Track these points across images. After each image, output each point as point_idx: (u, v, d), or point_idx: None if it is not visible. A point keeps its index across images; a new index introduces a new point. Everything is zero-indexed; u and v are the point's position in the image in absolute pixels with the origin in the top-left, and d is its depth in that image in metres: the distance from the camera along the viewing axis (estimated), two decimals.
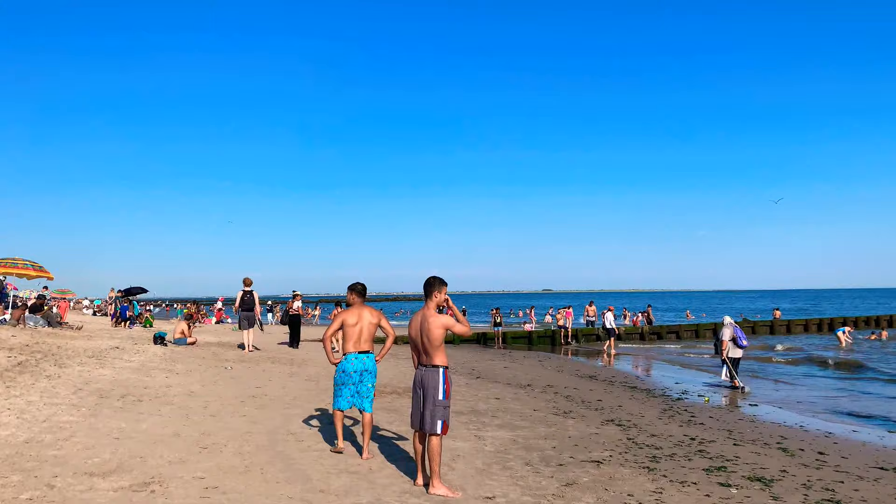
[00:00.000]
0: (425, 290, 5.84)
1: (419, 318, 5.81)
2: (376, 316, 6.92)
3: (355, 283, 7.07)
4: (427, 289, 5.82)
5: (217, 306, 43.81)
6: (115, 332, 21.02)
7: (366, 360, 6.88)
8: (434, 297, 5.81)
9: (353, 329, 6.80)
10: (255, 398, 9.91)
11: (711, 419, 10.79)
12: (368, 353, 6.92)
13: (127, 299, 26.53)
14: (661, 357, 23.44)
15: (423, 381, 5.74)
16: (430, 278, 5.87)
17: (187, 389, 10.14)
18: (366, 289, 7.14)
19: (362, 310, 6.92)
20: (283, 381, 12.10)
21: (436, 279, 5.86)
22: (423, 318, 5.76)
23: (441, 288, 5.84)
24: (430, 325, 5.67)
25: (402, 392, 11.75)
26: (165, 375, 11.38)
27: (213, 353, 15.57)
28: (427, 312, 5.77)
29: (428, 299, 5.83)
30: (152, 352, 14.70)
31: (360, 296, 7.03)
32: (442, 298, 5.87)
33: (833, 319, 37.12)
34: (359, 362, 6.85)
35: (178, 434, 7.13)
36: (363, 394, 6.87)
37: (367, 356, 6.90)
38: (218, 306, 43.61)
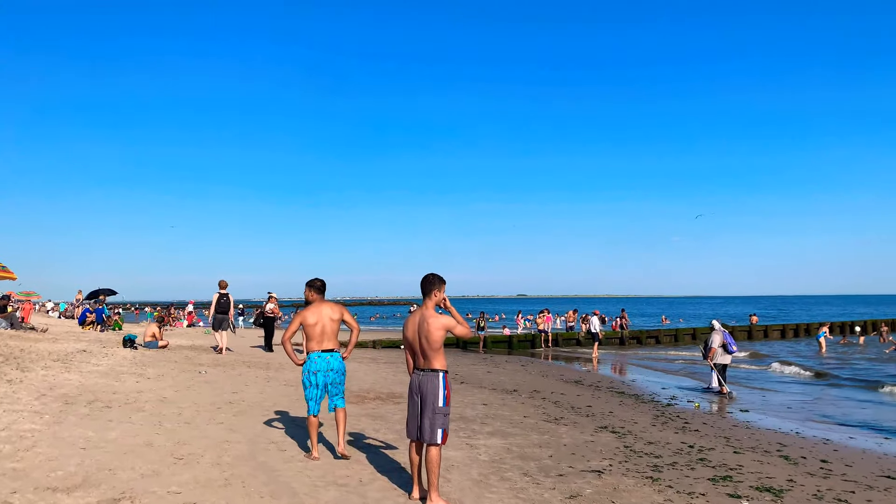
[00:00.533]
0: (423, 288, 5.42)
1: (417, 318, 5.39)
2: (338, 311, 6.59)
3: (313, 278, 6.74)
4: (426, 287, 5.40)
5: (188, 309, 42.86)
6: (82, 334, 20.20)
7: (330, 359, 6.54)
8: (433, 295, 5.38)
9: (313, 328, 6.47)
10: (231, 404, 9.38)
11: (706, 425, 10.51)
12: (333, 351, 6.57)
13: (101, 301, 25.67)
14: (643, 362, 23.26)
15: (421, 386, 5.31)
16: (428, 276, 5.45)
17: (159, 395, 9.57)
18: (325, 285, 6.80)
19: (322, 306, 6.58)
20: (261, 386, 11.55)
21: (435, 276, 5.44)
22: (422, 318, 5.33)
23: (441, 286, 5.43)
24: (430, 326, 5.25)
25: (385, 398, 11.29)
26: (136, 380, 10.77)
27: (185, 357, 14.94)
28: (426, 312, 5.35)
29: (426, 298, 5.41)
30: (122, 355, 14.03)
31: (319, 292, 6.70)
32: (441, 297, 5.46)
33: (809, 325, 37.44)
34: (322, 361, 6.51)
35: (151, 444, 6.60)
36: (332, 392, 6.56)
37: (332, 355, 6.56)
38: (189, 309, 42.66)
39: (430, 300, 5.39)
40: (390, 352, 24.12)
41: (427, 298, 5.40)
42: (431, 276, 5.45)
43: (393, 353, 23.02)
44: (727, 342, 13.73)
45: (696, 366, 21.91)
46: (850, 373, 19.71)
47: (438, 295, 5.42)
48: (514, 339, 29.39)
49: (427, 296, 5.39)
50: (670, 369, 21.08)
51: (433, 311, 5.37)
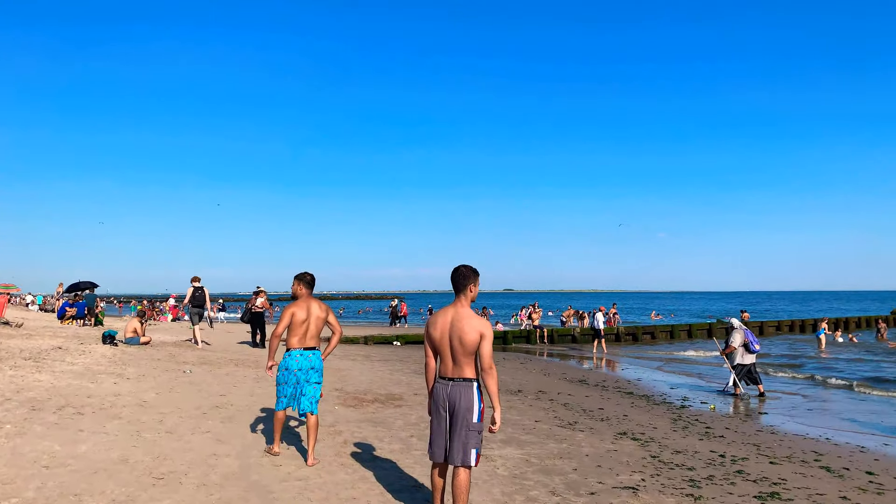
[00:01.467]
0: (455, 282, 4.63)
1: (448, 316, 4.58)
2: (325, 310, 6.27)
3: (303, 272, 6.35)
4: (459, 281, 4.61)
5: (170, 303, 41.74)
6: (60, 329, 19.20)
7: (311, 357, 6.18)
8: (469, 291, 4.60)
9: (301, 325, 6.21)
10: (219, 409, 8.54)
11: (729, 430, 9.82)
12: (314, 349, 6.24)
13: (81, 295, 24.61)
14: (643, 359, 22.62)
15: (451, 399, 4.51)
16: (460, 268, 4.65)
17: (139, 399, 8.71)
18: (314, 279, 6.41)
19: (311, 302, 6.28)
20: (250, 386, 10.71)
21: (468, 269, 4.65)
22: (456, 316, 4.53)
23: (475, 279, 4.64)
24: (465, 327, 4.45)
25: (384, 400, 10.49)
26: (114, 381, 9.89)
27: (169, 355, 14.04)
28: (461, 311, 4.55)
29: (460, 294, 4.61)
30: (100, 353, 13.11)
31: (309, 287, 6.34)
32: (476, 293, 4.67)
33: (805, 321, 37.04)
34: (304, 359, 6.16)
35: (126, 459, 5.77)
36: (307, 394, 6.09)
37: (314, 353, 6.21)
38: (171, 303, 41.53)
39: (465, 296, 4.60)
40: (382, 348, 23.29)
41: (461, 295, 4.61)
42: (464, 268, 4.66)
43: (385, 350, 22.20)
44: (749, 340, 13.01)
45: (698, 365, 21.35)
46: (858, 372, 19.15)
47: (474, 290, 4.64)
48: (508, 335, 28.68)
49: (461, 291, 4.61)
50: (674, 368, 20.43)
51: (469, 309, 4.59)
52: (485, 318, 25.53)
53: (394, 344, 25.15)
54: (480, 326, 4.47)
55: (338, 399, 10.21)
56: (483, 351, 4.44)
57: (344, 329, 6.56)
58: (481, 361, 4.46)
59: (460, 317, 4.51)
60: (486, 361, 4.42)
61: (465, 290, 4.59)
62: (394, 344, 25.15)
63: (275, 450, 6.36)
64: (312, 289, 6.38)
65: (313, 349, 6.21)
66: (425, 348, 4.77)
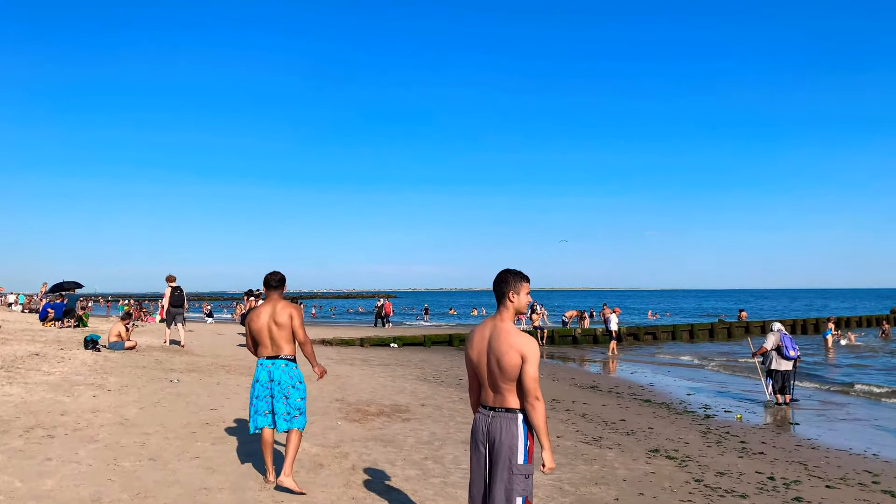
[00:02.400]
0: (494, 290, 3.78)
1: (485, 332, 3.73)
2: (285, 314, 5.39)
3: (269, 273, 5.60)
4: (499, 287, 3.74)
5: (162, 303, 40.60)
6: (41, 332, 18.21)
7: (272, 367, 5.42)
8: (509, 300, 3.72)
9: (259, 333, 5.50)
10: (209, 426, 7.65)
11: (766, 445, 9.04)
12: (277, 358, 5.45)
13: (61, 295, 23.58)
14: (651, 362, 21.87)
15: (492, 432, 3.66)
16: (502, 274, 3.78)
17: (120, 415, 7.80)
18: (282, 280, 5.62)
19: (268, 307, 5.53)
20: (243, 398, 9.79)
21: (511, 273, 3.78)
22: (494, 333, 3.68)
23: (520, 286, 3.75)
24: (504, 346, 3.60)
25: (389, 412, 9.63)
26: (93, 394, 8.98)
27: (156, 361, 13.11)
28: (500, 326, 3.69)
29: (500, 305, 3.75)
30: (80, 360, 12.17)
31: (272, 289, 5.55)
32: (525, 303, 3.81)
33: (806, 320, 36.45)
34: (262, 371, 5.45)
35: (100, 498, 4.87)
36: (279, 411, 5.32)
37: (275, 363, 5.43)
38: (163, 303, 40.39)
39: (506, 308, 3.72)
40: (380, 350, 22.40)
41: (501, 305, 3.74)
42: (506, 273, 3.78)
43: (384, 353, 21.32)
44: (784, 345, 12.18)
45: (704, 370, 20.65)
46: (875, 376, 18.46)
47: (518, 299, 3.73)
48: None
49: (501, 301, 3.73)
50: (683, 371, 19.68)
51: (510, 323, 3.73)
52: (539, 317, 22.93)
53: (391, 346, 24.28)
54: (521, 345, 3.57)
55: (340, 412, 9.34)
56: (526, 376, 3.54)
57: (326, 332, 5.67)
58: (524, 388, 3.57)
59: (499, 333, 3.65)
60: (530, 389, 3.54)
61: (504, 300, 3.72)
62: (391, 346, 24.28)
63: (269, 479, 5.55)
64: (278, 290, 5.63)
65: (275, 357, 5.44)
66: (467, 370, 3.93)
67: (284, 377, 5.36)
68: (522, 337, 3.63)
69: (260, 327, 5.47)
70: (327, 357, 17.31)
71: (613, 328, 23.34)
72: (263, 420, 5.42)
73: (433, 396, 11.61)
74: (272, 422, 5.39)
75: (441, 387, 13.13)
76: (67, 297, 22.99)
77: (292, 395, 5.36)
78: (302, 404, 5.43)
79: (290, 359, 5.46)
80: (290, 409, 5.34)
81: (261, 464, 6.08)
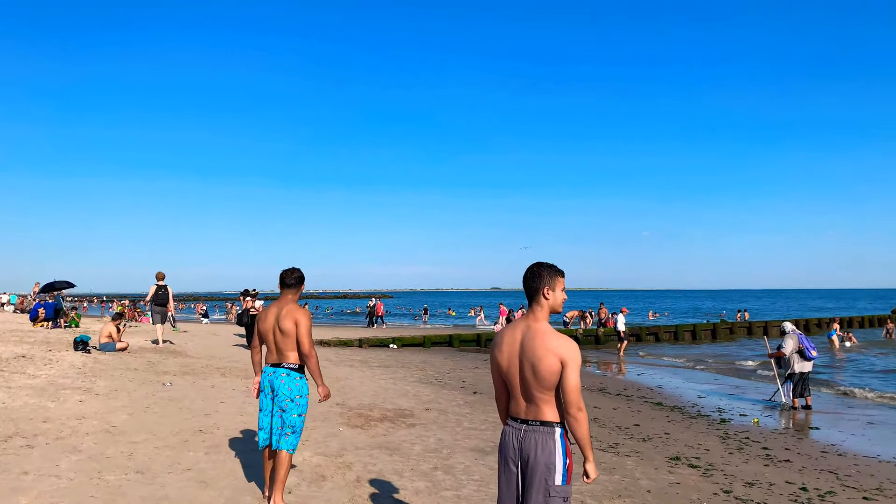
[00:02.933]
0: (525, 286, 3.30)
1: (516, 333, 3.26)
2: (290, 319, 4.84)
3: (287, 269, 4.99)
4: (532, 283, 3.27)
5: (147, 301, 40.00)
6: (30, 333, 17.67)
7: (273, 376, 4.86)
8: (543, 297, 3.25)
9: (265, 335, 4.98)
10: (202, 434, 7.16)
11: (790, 452, 8.59)
12: (279, 366, 4.88)
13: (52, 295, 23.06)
14: (656, 363, 21.42)
15: (526, 448, 3.19)
16: (533, 267, 3.31)
17: (107, 422, 7.31)
18: (301, 279, 5.02)
19: (276, 308, 4.96)
20: (239, 402, 9.33)
21: (545, 267, 3.30)
22: (528, 334, 3.21)
23: (555, 281, 3.28)
24: (539, 349, 3.12)
25: (393, 417, 9.16)
26: (80, 398, 8.48)
27: (147, 363, 12.61)
28: (535, 326, 3.21)
29: (533, 303, 3.28)
30: (69, 362, 11.66)
31: (287, 287, 5.02)
32: (561, 300, 3.33)
33: (809, 320, 36.06)
34: (265, 378, 4.93)
35: None
36: (274, 426, 4.80)
37: (276, 371, 4.86)
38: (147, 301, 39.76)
39: (539, 306, 3.25)
40: (380, 351, 21.90)
41: (534, 303, 3.27)
42: (539, 267, 3.30)
43: (383, 354, 20.82)
44: (805, 346, 11.73)
45: (711, 372, 20.26)
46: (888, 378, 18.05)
47: (553, 296, 3.25)
48: None
49: (534, 298, 3.26)
50: (690, 373, 19.25)
51: (545, 324, 3.25)
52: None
53: (390, 347, 23.79)
54: (560, 348, 3.10)
55: (341, 417, 8.86)
56: (567, 384, 3.09)
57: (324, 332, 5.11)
58: (565, 398, 3.11)
59: (533, 335, 3.17)
60: (571, 399, 3.08)
61: (537, 297, 3.24)
62: (390, 347, 23.79)
63: (267, 495, 5.01)
64: (294, 288, 5.02)
65: (278, 365, 4.87)
66: (493, 377, 3.45)
67: (283, 388, 4.80)
68: (562, 339, 3.16)
69: (265, 330, 4.96)
70: (326, 358, 16.82)
71: (621, 328, 22.89)
72: (264, 436, 4.90)
73: (437, 400, 11.14)
74: (270, 436, 4.88)
75: (444, 389, 12.66)
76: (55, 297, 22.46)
77: (290, 410, 4.79)
78: (298, 422, 4.81)
79: (293, 368, 4.87)
80: (283, 424, 4.77)
81: (259, 475, 5.60)
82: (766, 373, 17.29)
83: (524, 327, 3.25)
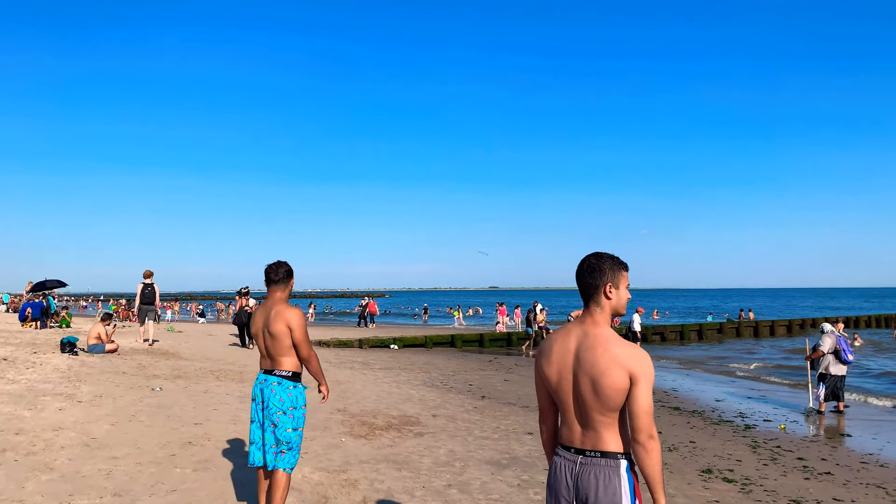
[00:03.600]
0: (586, 282, 2.65)
1: (570, 340, 2.61)
2: (281, 321, 4.18)
3: (271, 264, 4.39)
4: (591, 279, 2.63)
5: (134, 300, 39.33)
6: (18, 334, 16.99)
7: (263, 384, 4.21)
8: (605, 296, 2.61)
9: (256, 338, 4.38)
10: (191, 446, 6.52)
11: (827, 462, 7.96)
12: (270, 373, 4.23)
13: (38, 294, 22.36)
14: (666, 365, 20.79)
15: (583, 486, 2.53)
16: (593, 260, 2.67)
17: (86, 434, 6.66)
18: (288, 273, 4.32)
19: (264, 308, 4.34)
20: (234, 409, 8.69)
21: (606, 260, 2.66)
22: (586, 341, 2.56)
23: (619, 276, 2.64)
24: (603, 361, 2.48)
25: (398, 425, 8.53)
26: (60, 406, 7.82)
27: (138, 366, 11.95)
28: (594, 332, 2.57)
29: (591, 304, 2.63)
30: (53, 365, 11.00)
31: (272, 283, 4.32)
32: (625, 300, 2.69)
33: (815, 319, 35.45)
34: (256, 386, 4.28)
35: None
36: (267, 441, 4.20)
37: (267, 379, 4.22)
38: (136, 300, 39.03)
39: (598, 307, 2.62)
40: (380, 353, 21.23)
41: (591, 303, 2.63)
42: (599, 260, 2.66)
43: (384, 355, 20.16)
44: (842, 348, 11.10)
45: (725, 373, 19.65)
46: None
47: (615, 296, 2.62)
48: (513, 337, 26.77)
49: (592, 297, 2.62)
50: (703, 375, 18.62)
51: (607, 329, 2.61)
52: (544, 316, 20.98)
53: (391, 347, 23.14)
54: (629, 359, 2.46)
55: (343, 425, 8.22)
56: (637, 405, 2.44)
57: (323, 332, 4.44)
58: (633, 423, 2.46)
59: (593, 342, 2.52)
60: (642, 425, 2.43)
61: (597, 296, 2.61)
62: (391, 347, 23.14)
63: None
64: (280, 285, 4.32)
65: (271, 373, 4.23)
66: (537, 393, 2.80)
67: (274, 399, 4.15)
68: (631, 348, 2.52)
69: (255, 334, 4.36)
70: (325, 360, 16.17)
71: (637, 329, 22.29)
72: (256, 452, 4.27)
73: (444, 405, 10.51)
74: (266, 459, 4.24)
75: (451, 394, 12.01)
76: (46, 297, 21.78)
77: (282, 424, 4.14)
78: (293, 437, 4.17)
79: (285, 375, 4.22)
80: (276, 441, 4.14)
81: (253, 495, 4.96)
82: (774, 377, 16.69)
83: (580, 333, 2.60)
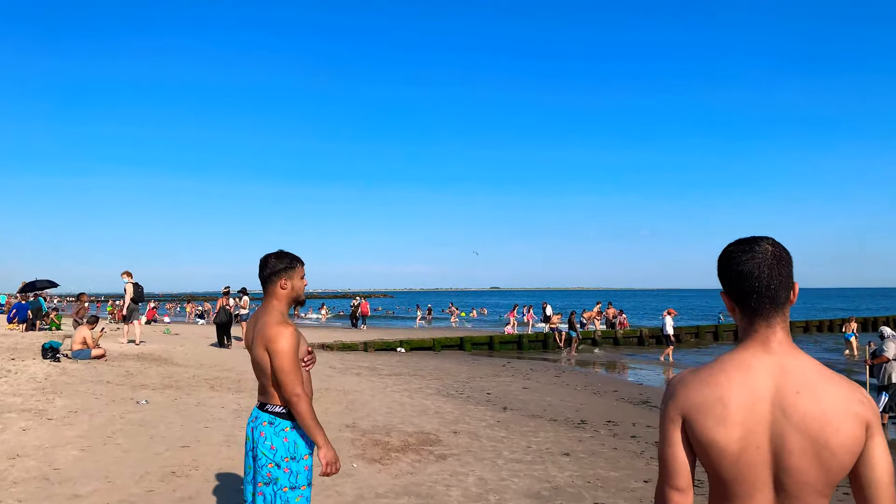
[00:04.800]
0: (767, 284, 1.57)
1: (759, 381, 1.53)
2: (260, 343, 3.01)
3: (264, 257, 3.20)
4: (769, 281, 1.57)
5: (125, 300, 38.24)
6: (1, 338, 15.94)
7: (254, 423, 3.06)
8: (790, 301, 1.62)
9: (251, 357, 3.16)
10: (175, 478, 5.44)
11: None
12: (262, 409, 3.07)
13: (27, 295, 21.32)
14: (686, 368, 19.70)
15: None
16: (763, 242, 1.62)
17: (49, 462, 5.59)
18: (276, 271, 3.15)
19: (253, 321, 3.19)
20: (228, 427, 7.63)
21: (787, 256, 1.64)
22: (788, 380, 1.52)
23: (791, 278, 1.63)
24: (830, 412, 1.47)
25: (416, 444, 7.46)
26: (24, 425, 6.76)
27: (125, 374, 10.89)
28: (793, 364, 1.54)
29: (774, 315, 1.58)
30: (30, 373, 9.94)
31: (263, 283, 3.16)
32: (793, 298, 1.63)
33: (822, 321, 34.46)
34: (248, 426, 3.13)
35: None
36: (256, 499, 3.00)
37: (258, 417, 3.06)
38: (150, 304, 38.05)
39: (784, 321, 1.60)
40: (387, 357, 20.15)
41: (776, 316, 1.59)
42: (769, 244, 1.62)
43: (392, 359, 19.08)
44: None
45: None
46: None
47: (794, 298, 1.60)
48: (524, 340, 25.69)
49: (777, 307, 1.59)
50: None
51: (808, 359, 1.57)
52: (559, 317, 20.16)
53: (398, 351, 22.08)
54: (862, 404, 1.47)
55: (354, 446, 7.15)
56: (879, 470, 1.46)
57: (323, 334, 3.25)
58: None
59: (801, 382, 1.51)
60: None
61: (782, 303, 1.58)
62: (398, 351, 22.08)
63: None
64: (270, 285, 3.14)
65: (262, 409, 3.09)
66: (667, 456, 1.67)
67: (263, 446, 2.96)
68: (857, 388, 1.51)
69: (246, 348, 3.26)
70: (330, 366, 15.10)
71: (670, 332, 21.22)
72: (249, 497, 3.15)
73: (463, 418, 9.43)
74: None
75: (469, 404, 10.93)
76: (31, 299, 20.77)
77: (278, 482, 2.94)
78: (292, 501, 2.94)
79: (279, 413, 3.03)
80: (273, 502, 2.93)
81: None
82: None
83: (774, 369, 1.54)
